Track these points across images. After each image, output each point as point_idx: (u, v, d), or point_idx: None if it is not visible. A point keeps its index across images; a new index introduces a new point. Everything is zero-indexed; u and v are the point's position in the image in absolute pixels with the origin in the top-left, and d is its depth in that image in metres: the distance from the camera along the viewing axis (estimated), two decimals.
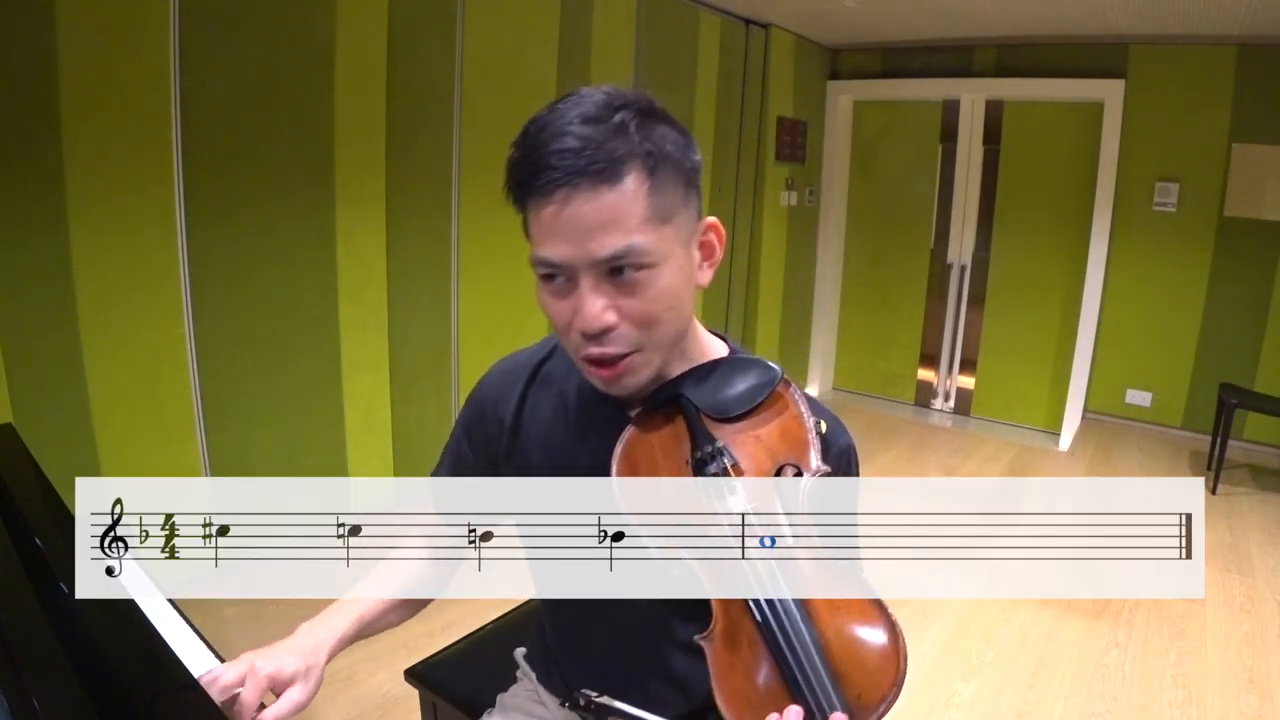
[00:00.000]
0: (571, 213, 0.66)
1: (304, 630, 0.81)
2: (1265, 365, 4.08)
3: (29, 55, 1.89)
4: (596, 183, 0.66)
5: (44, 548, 0.81)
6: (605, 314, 0.69)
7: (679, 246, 0.71)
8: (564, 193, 0.66)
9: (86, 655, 0.65)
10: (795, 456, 0.73)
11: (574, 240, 0.67)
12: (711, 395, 0.76)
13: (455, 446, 0.96)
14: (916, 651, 2.27)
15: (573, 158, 0.65)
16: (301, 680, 0.75)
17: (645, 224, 0.68)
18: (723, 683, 0.66)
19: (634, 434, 0.77)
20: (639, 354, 0.72)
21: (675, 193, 0.70)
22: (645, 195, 0.67)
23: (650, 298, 0.70)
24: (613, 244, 0.67)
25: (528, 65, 3.15)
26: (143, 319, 2.19)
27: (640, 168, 0.67)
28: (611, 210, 0.66)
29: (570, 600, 0.89)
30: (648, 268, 0.69)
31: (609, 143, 0.66)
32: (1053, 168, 4.42)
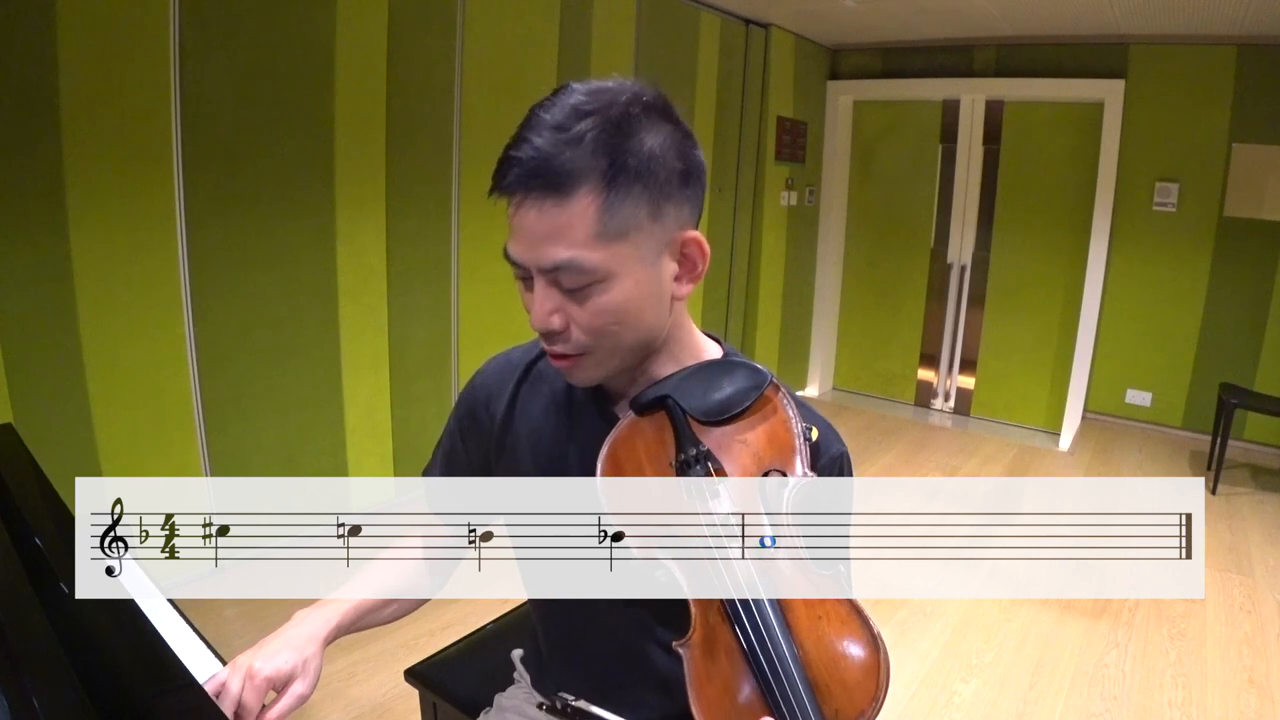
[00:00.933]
0: (522, 219, 0.67)
1: (299, 618, 0.80)
2: (1265, 365, 4.08)
3: (29, 55, 1.89)
4: (543, 195, 0.66)
5: (44, 548, 0.81)
6: (551, 317, 0.70)
7: (636, 263, 0.69)
8: (518, 197, 0.67)
9: (86, 655, 0.65)
10: (781, 462, 0.72)
11: (525, 244, 0.68)
12: (698, 397, 0.75)
13: (448, 444, 0.96)
14: (916, 651, 2.28)
15: (523, 166, 0.65)
16: (301, 674, 0.75)
17: (592, 240, 0.66)
18: (699, 692, 0.65)
19: (620, 435, 0.76)
20: (588, 356, 0.73)
21: (638, 208, 0.68)
22: (595, 212, 0.66)
23: (596, 310, 0.69)
24: (553, 256, 0.67)
25: (528, 65, 3.15)
26: (143, 319, 2.19)
27: (594, 187, 0.65)
28: (554, 224, 0.66)
29: (560, 603, 0.89)
30: (595, 283, 0.68)
31: (561, 156, 0.65)
32: (1053, 168, 4.42)
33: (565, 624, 0.91)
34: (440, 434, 1.00)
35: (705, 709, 0.64)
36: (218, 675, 0.73)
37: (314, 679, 0.76)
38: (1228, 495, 3.57)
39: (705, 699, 0.65)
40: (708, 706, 0.64)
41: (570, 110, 0.66)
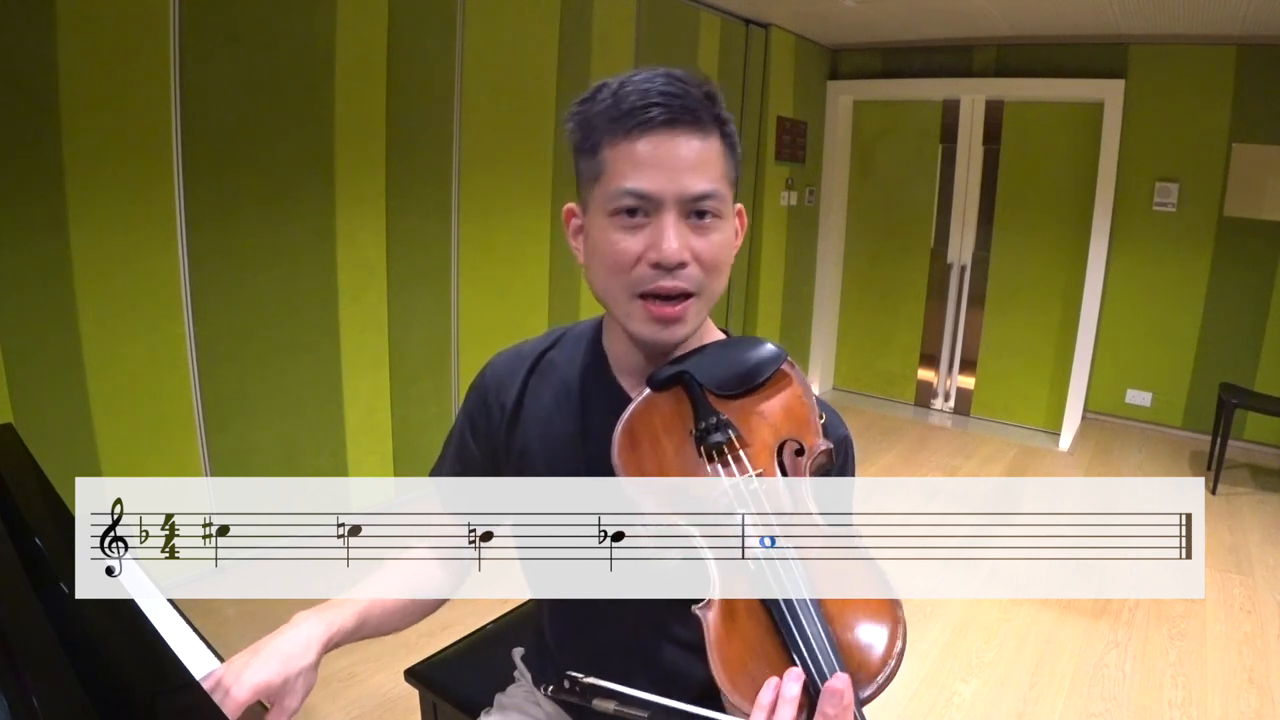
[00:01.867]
0: (673, 148, 0.72)
1: (298, 620, 0.79)
2: (1265, 365, 4.08)
3: (29, 55, 1.89)
4: (694, 129, 0.73)
5: (44, 548, 0.81)
6: (684, 250, 0.74)
7: (731, 212, 0.78)
8: (667, 130, 0.72)
9: (86, 655, 0.65)
10: (797, 433, 0.74)
11: (669, 173, 0.72)
12: (715, 371, 0.77)
13: (458, 439, 0.96)
14: (916, 651, 2.28)
15: (680, 101, 0.72)
16: (289, 689, 0.73)
17: (723, 179, 0.75)
18: (720, 652, 0.64)
19: (637, 409, 0.77)
20: (696, 299, 0.76)
21: (734, 167, 0.78)
22: (723, 156, 0.76)
23: (718, 244, 0.76)
24: (703, 185, 0.73)
25: (528, 65, 3.15)
26: (143, 319, 2.19)
27: (721, 134, 0.76)
28: (704, 155, 0.73)
29: (569, 605, 0.89)
30: (720, 217, 0.75)
31: (703, 103, 0.74)
32: (1053, 168, 4.42)
33: (574, 619, 0.91)
34: (447, 433, 0.99)
35: (727, 667, 0.64)
36: (205, 679, 0.71)
37: (303, 694, 0.74)
38: (1228, 495, 3.57)
39: (726, 658, 0.64)
40: (729, 664, 0.64)
41: (689, 74, 0.75)
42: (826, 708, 0.57)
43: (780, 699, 0.59)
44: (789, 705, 0.59)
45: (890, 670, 0.62)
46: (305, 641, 0.75)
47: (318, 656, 0.76)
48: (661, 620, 0.82)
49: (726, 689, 0.63)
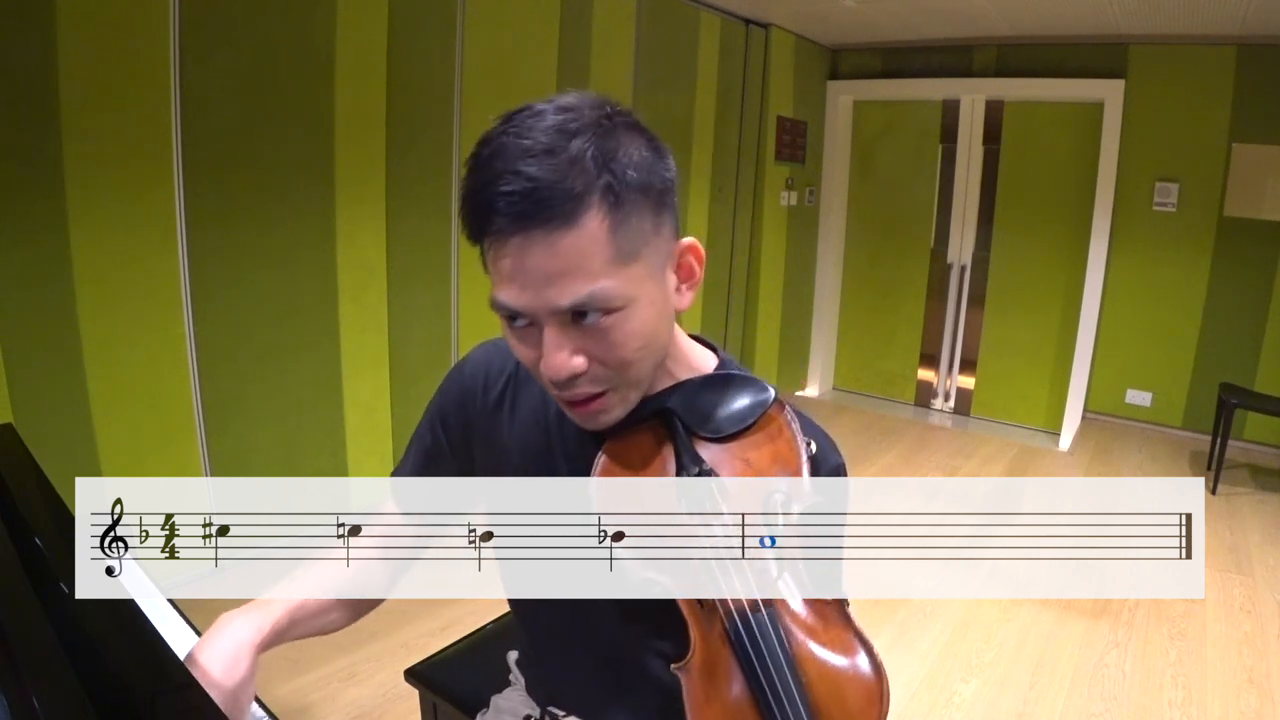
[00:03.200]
0: (524, 261, 0.61)
1: (223, 625, 0.74)
2: (1265, 365, 4.08)
3: (29, 55, 1.89)
4: (551, 229, 0.59)
5: (44, 548, 0.81)
6: (572, 360, 0.64)
7: (649, 281, 0.66)
8: (517, 241, 0.60)
9: (86, 655, 0.65)
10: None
11: (531, 289, 0.62)
12: (701, 412, 0.72)
13: (425, 438, 0.91)
14: (916, 651, 2.28)
15: (521, 201, 0.59)
16: (230, 707, 0.69)
17: (609, 266, 0.62)
18: (699, 714, 0.64)
19: (616, 447, 0.73)
20: (613, 392, 0.68)
21: (643, 223, 0.64)
22: (607, 234, 0.61)
23: (618, 342, 0.65)
24: (574, 291, 0.61)
25: (528, 65, 3.15)
26: (143, 319, 2.19)
27: (600, 204, 0.60)
28: (570, 256, 0.60)
29: (540, 611, 0.86)
30: (615, 311, 0.63)
31: (563, 182, 0.59)
32: (1053, 168, 4.42)
33: (547, 625, 0.89)
34: (418, 424, 0.96)
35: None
36: None
37: (245, 708, 0.71)
38: (1228, 495, 3.57)
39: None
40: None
41: (554, 131, 0.60)
42: None
43: None
44: None
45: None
46: (236, 650, 0.72)
47: (252, 665, 0.73)
48: (644, 645, 0.79)
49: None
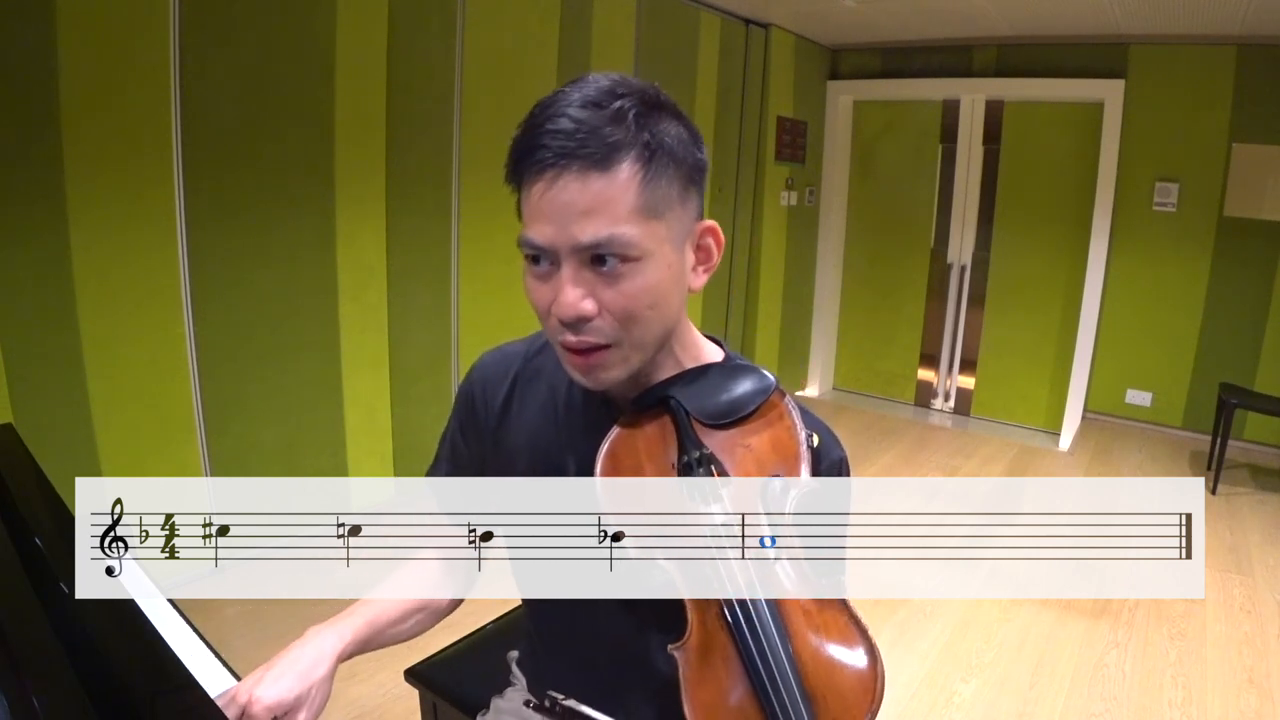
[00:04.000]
0: (558, 195, 0.65)
1: (310, 636, 0.79)
2: (1265, 365, 4.08)
3: (29, 55, 1.89)
4: (586, 167, 0.64)
5: (44, 548, 0.81)
6: (583, 303, 0.67)
7: (668, 245, 0.69)
8: (553, 173, 0.64)
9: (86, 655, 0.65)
10: (784, 468, 0.71)
11: (558, 223, 0.65)
12: (703, 400, 0.74)
13: (450, 441, 0.95)
14: (916, 651, 2.27)
15: (565, 139, 0.64)
16: (305, 704, 0.74)
17: (633, 215, 0.65)
18: (693, 696, 0.65)
19: (620, 435, 0.75)
20: (615, 349, 0.70)
21: (670, 189, 0.68)
22: (637, 186, 0.65)
23: (631, 292, 0.67)
24: (596, 230, 0.65)
25: (528, 65, 3.15)
26: (143, 319, 2.19)
27: (635, 158, 0.65)
28: (599, 197, 0.64)
29: (554, 604, 0.87)
30: (632, 260, 0.66)
31: (604, 128, 0.64)
32: (1053, 168, 4.42)
33: (559, 624, 0.90)
34: (442, 432, 0.99)
35: (699, 712, 0.64)
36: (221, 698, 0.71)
37: (318, 709, 0.75)
38: (1228, 495, 3.57)
39: (699, 703, 0.64)
40: (702, 709, 0.64)
41: (605, 89, 0.66)
42: None
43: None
44: None
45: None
46: (318, 655, 0.76)
47: (332, 669, 0.77)
48: (645, 625, 0.80)
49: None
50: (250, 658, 0.78)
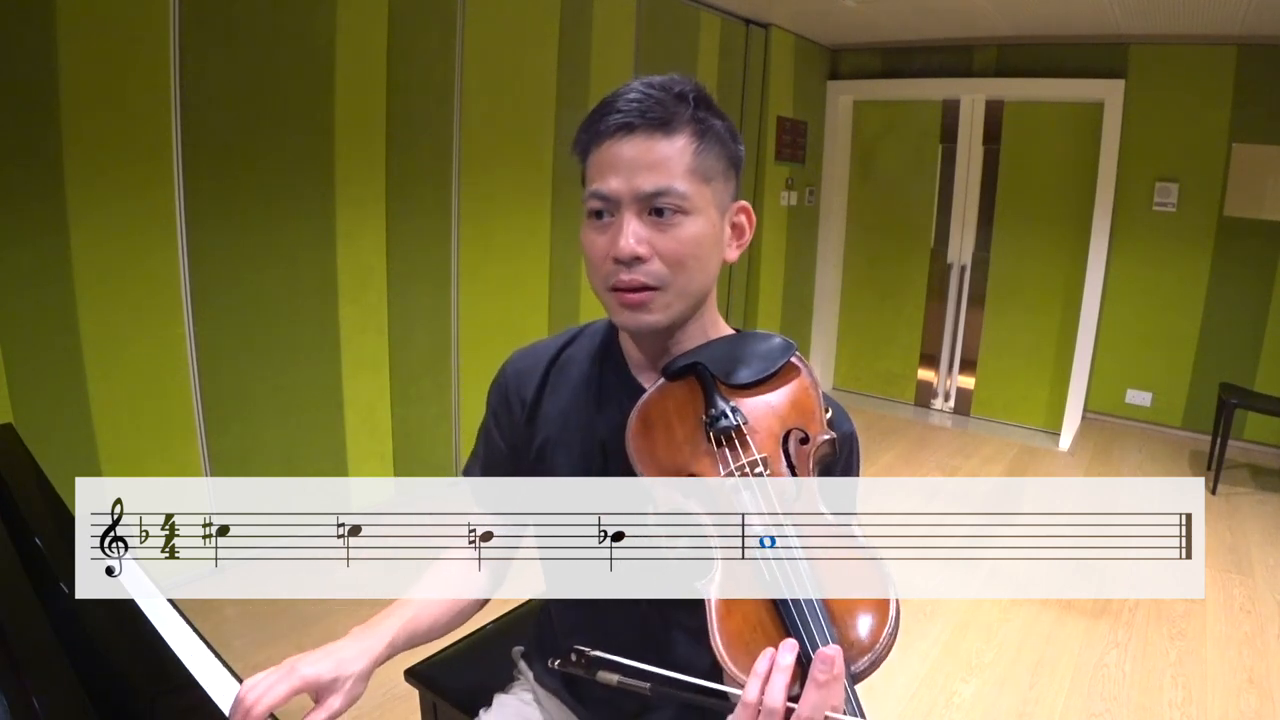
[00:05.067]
0: (626, 150, 0.77)
1: (353, 634, 0.82)
2: (1265, 365, 4.08)
3: (29, 55, 1.89)
4: (652, 130, 0.76)
5: (44, 548, 0.81)
6: (639, 245, 0.77)
7: (712, 209, 0.80)
8: (623, 133, 0.77)
9: (86, 655, 0.65)
10: (802, 422, 0.77)
11: (624, 175, 0.76)
12: (727, 363, 0.81)
13: (486, 437, 0.99)
14: (916, 651, 2.27)
15: (636, 105, 0.77)
16: (341, 688, 0.76)
17: (687, 174, 0.77)
18: (721, 626, 0.67)
19: (651, 398, 0.81)
20: (661, 292, 0.79)
21: (718, 164, 0.80)
22: (691, 153, 0.77)
23: (680, 239, 0.78)
24: (656, 181, 0.76)
25: (528, 65, 3.15)
26: (143, 319, 2.19)
27: (691, 131, 0.78)
28: (660, 155, 0.76)
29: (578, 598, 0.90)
30: (682, 213, 0.77)
31: (669, 103, 0.77)
32: (1053, 168, 4.42)
33: (583, 611, 0.93)
34: (446, 436, 1.01)
35: (728, 642, 0.66)
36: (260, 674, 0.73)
37: (354, 696, 0.77)
38: (1228, 495, 3.57)
39: (727, 632, 0.66)
40: (730, 639, 0.66)
41: (668, 79, 0.80)
42: (818, 674, 0.59)
43: (774, 667, 0.61)
44: (783, 673, 0.61)
45: (884, 645, 0.63)
46: (360, 650, 0.79)
47: (370, 666, 0.79)
48: (670, 609, 0.84)
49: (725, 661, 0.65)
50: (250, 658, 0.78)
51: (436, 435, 3.07)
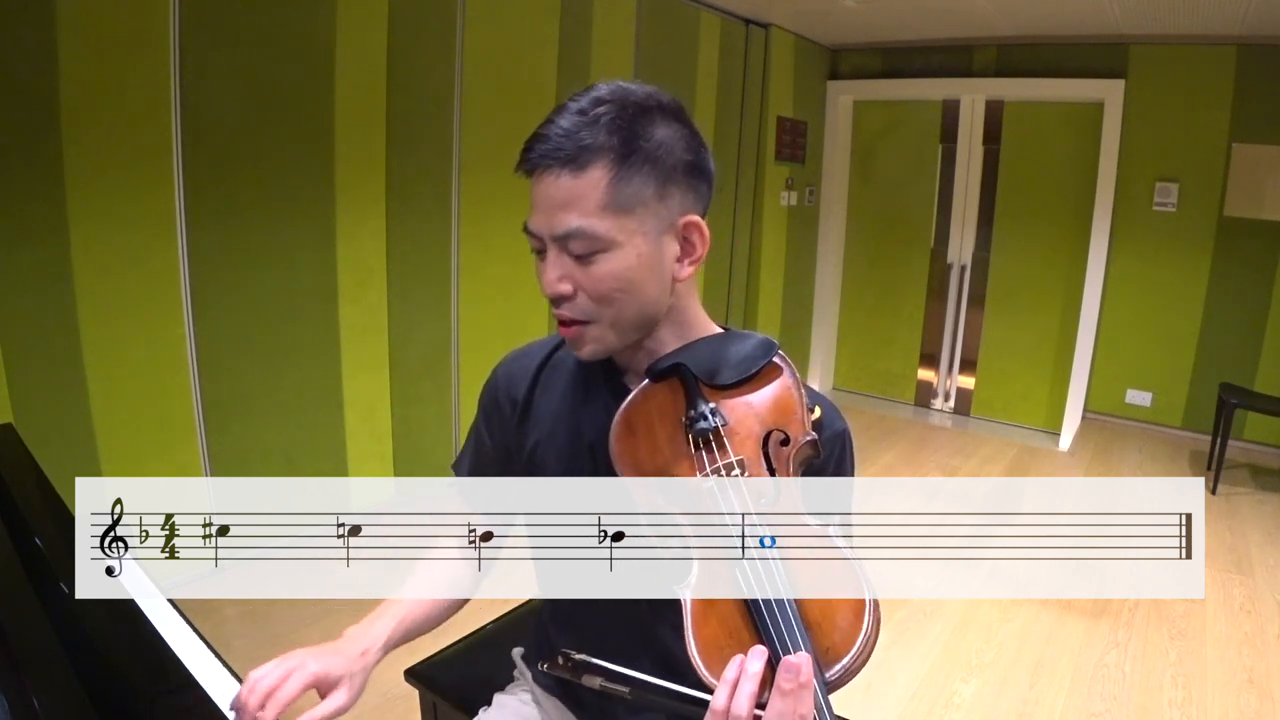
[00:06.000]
0: (541, 190, 0.76)
1: (351, 635, 0.83)
2: (1265, 365, 4.08)
3: (29, 55, 1.89)
4: (560, 169, 0.74)
5: (44, 548, 0.81)
6: (560, 283, 0.77)
7: (639, 236, 0.76)
8: (538, 173, 0.76)
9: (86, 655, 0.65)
10: (783, 423, 0.76)
11: (543, 214, 0.77)
12: (709, 364, 0.80)
13: (476, 435, 0.99)
14: (916, 651, 2.27)
15: (545, 144, 0.75)
16: (346, 685, 0.77)
17: (601, 211, 0.74)
18: (697, 631, 0.67)
19: (634, 401, 0.81)
20: (593, 325, 0.79)
21: (645, 186, 0.75)
22: (606, 186, 0.74)
23: (600, 275, 0.76)
24: (566, 223, 0.75)
25: (528, 65, 3.15)
26: (143, 319, 2.19)
27: (608, 162, 0.74)
28: (569, 194, 0.74)
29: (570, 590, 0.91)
30: (600, 250, 0.75)
31: (579, 134, 0.74)
32: (1053, 168, 4.42)
33: (572, 605, 0.93)
34: (446, 436, 1.02)
35: (702, 646, 0.66)
36: (265, 666, 0.74)
37: (357, 693, 0.78)
38: (1228, 495, 3.57)
39: (702, 637, 0.66)
40: (704, 644, 0.66)
41: (593, 99, 0.76)
42: (783, 682, 0.59)
43: (742, 674, 0.61)
44: (750, 680, 0.61)
45: (858, 652, 0.63)
46: (361, 648, 0.81)
47: (371, 664, 0.81)
48: (656, 607, 0.83)
49: (701, 668, 0.65)
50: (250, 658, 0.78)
51: (436, 435, 3.07)
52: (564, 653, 0.73)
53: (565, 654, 0.73)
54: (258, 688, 0.70)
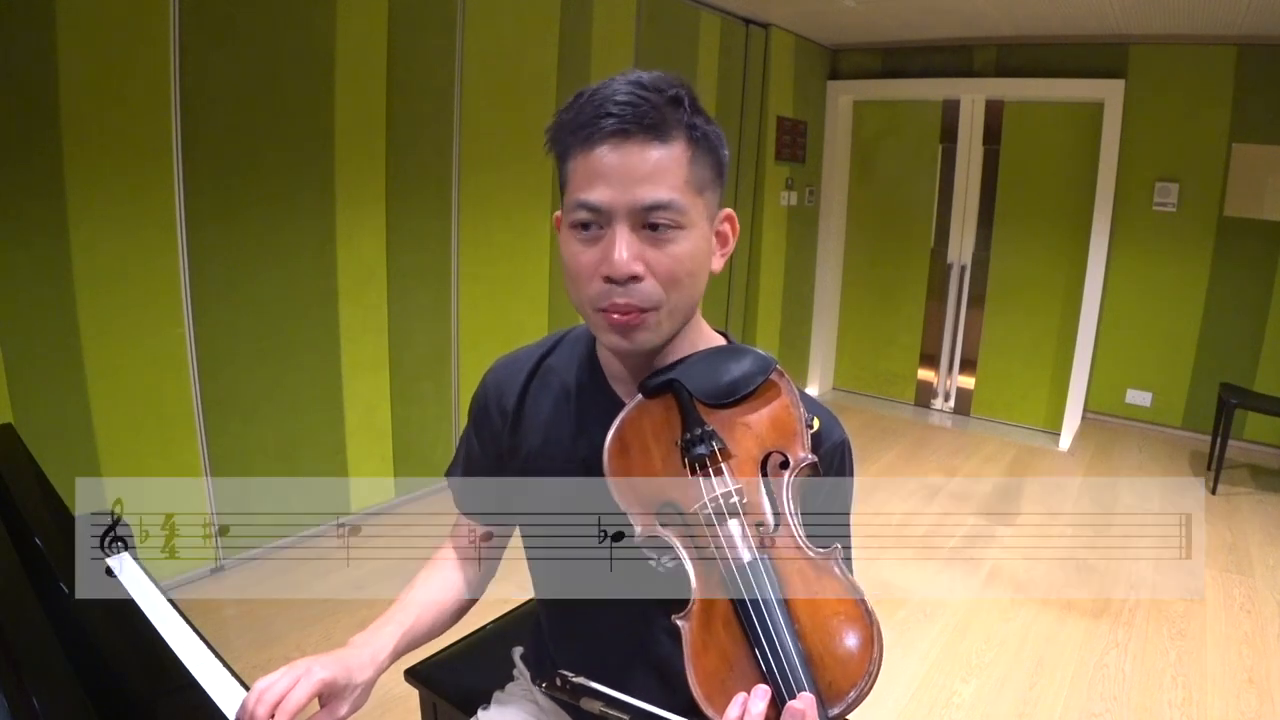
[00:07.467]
0: (621, 159, 0.70)
1: (356, 643, 0.82)
2: (1265, 365, 4.08)
3: (29, 55, 1.89)
4: (649, 137, 0.70)
5: (44, 548, 0.81)
6: (634, 263, 0.71)
7: (704, 221, 0.75)
8: (618, 139, 0.70)
9: (86, 655, 0.65)
10: (783, 444, 0.74)
11: (620, 185, 0.70)
12: (704, 381, 0.77)
13: (466, 442, 0.98)
14: (916, 651, 2.27)
15: (632, 110, 0.70)
16: (349, 695, 0.76)
17: (685, 186, 0.72)
18: (696, 663, 0.66)
19: (627, 418, 0.78)
20: (655, 312, 0.74)
21: (708, 173, 0.75)
22: (687, 162, 0.72)
23: (678, 255, 0.72)
24: (656, 194, 0.70)
25: (528, 65, 3.15)
26: (143, 319, 2.19)
27: (686, 138, 0.72)
28: (658, 164, 0.70)
29: (566, 599, 0.90)
30: (679, 227, 0.72)
31: (664, 107, 0.71)
32: (1053, 168, 4.42)
33: (569, 611, 0.92)
34: (446, 436, 1.02)
35: (702, 678, 0.65)
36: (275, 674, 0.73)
37: (358, 703, 0.77)
38: (1228, 495, 3.57)
39: (702, 669, 0.65)
40: (704, 676, 0.65)
41: (659, 78, 0.73)
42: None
43: (746, 715, 0.60)
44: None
45: (861, 689, 0.62)
46: (367, 658, 0.79)
47: (375, 676, 0.79)
48: (651, 612, 0.83)
49: (701, 701, 0.64)
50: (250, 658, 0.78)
51: (436, 435, 3.07)
52: (561, 674, 0.72)
53: (563, 676, 0.72)
54: (265, 696, 0.69)
